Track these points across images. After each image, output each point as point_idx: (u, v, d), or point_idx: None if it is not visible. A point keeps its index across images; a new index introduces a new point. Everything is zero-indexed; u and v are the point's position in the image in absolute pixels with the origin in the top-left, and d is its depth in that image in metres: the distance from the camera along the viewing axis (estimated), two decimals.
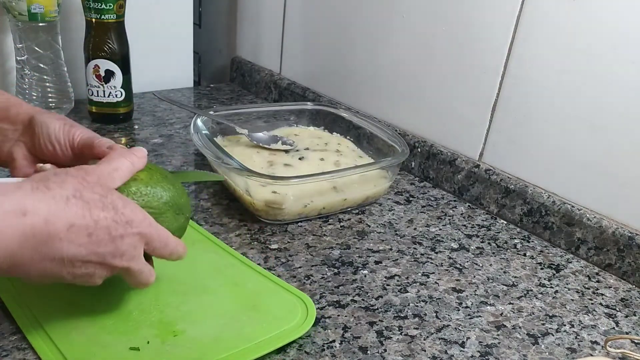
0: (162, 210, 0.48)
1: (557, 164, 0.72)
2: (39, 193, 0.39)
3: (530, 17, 0.71)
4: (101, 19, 0.87)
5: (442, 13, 0.81)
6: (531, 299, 0.61)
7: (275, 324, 0.51)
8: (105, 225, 0.41)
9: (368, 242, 0.69)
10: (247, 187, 0.69)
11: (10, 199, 0.37)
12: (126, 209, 0.43)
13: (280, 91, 1.13)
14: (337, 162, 0.81)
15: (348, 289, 0.60)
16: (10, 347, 0.47)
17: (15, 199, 0.37)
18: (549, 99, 0.71)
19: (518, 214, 0.76)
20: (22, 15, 0.85)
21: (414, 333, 0.54)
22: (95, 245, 0.41)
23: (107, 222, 0.41)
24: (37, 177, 0.41)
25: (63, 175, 0.41)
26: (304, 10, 1.06)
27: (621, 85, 0.64)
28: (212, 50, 1.38)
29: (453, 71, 0.82)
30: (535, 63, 0.72)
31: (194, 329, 0.50)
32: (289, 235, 0.69)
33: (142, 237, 0.45)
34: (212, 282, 0.57)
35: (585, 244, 0.70)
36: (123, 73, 0.92)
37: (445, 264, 0.66)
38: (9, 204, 0.37)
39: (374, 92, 0.96)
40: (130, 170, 0.47)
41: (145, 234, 0.45)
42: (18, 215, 0.36)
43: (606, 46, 0.65)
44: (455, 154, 0.83)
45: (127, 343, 0.47)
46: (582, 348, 0.55)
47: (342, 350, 0.51)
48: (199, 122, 0.79)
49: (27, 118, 0.54)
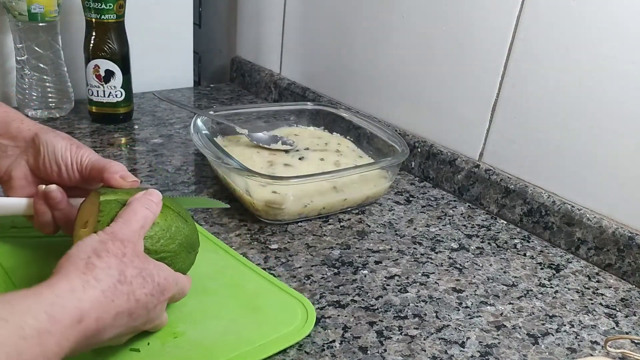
0: (177, 251, 0.48)
1: (557, 164, 0.72)
2: (90, 290, 0.38)
3: (530, 17, 0.71)
4: (101, 19, 0.87)
5: (442, 13, 0.81)
6: (531, 299, 0.61)
7: (276, 327, 0.51)
8: (144, 302, 0.42)
9: (368, 242, 0.69)
10: (247, 187, 0.69)
11: (68, 309, 0.36)
12: (160, 277, 0.44)
13: (280, 91, 1.13)
14: (337, 162, 0.81)
15: (348, 289, 0.60)
16: None
17: (71, 306, 0.36)
18: (549, 99, 0.71)
19: (518, 214, 0.76)
20: (22, 15, 0.85)
21: (414, 333, 0.54)
22: (133, 321, 0.42)
23: (146, 298, 0.42)
24: (82, 256, 0.40)
25: (106, 258, 0.40)
26: (304, 10, 1.06)
27: (621, 85, 0.64)
28: (212, 50, 1.38)
29: (453, 71, 0.82)
30: (535, 63, 0.72)
31: (194, 330, 0.50)
32: (289, 235, 0.69)
33: (169, 299, 0.46)
34: (212, 283, 0.57)
35: (585, 244, 0.70)
36: (123, 73, 0.92)
37: (445, 264, 0.66)
38: (67, 316, 0.36)
39: (374, 92, 0.96)
40: (152, 220, 0.47)
41: (172, 296, 0.46)
42: (74, 325, 0.36)
43: (606, 46, 0.65)
44: (455, 154, 0.83)
45: (127, 344, 0.47)
46: (582, 348, 0.55)
47: (342, 350, 0.51)
48: (199, 122, 0.79)
49: (30, 135, 0.53)
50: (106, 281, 0.39)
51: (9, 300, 0.34)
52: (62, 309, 0.36)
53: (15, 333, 0.33)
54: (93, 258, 0.40)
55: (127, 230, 0.44)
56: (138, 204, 0.46)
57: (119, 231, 0.43)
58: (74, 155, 0.52)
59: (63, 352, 0.36)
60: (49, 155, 0.52)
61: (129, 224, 0.44)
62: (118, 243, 0.42)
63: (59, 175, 0.52)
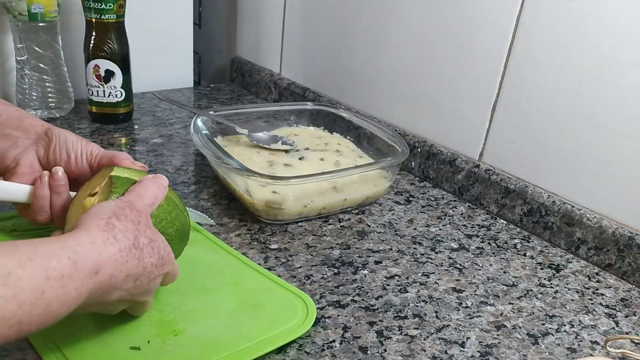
0: (173, 237, 0.50)
1: (557, 164, 0.72)
2: (110, 246, 0.40)
3: (530, 17, 0.71)
4: (101, 19, 0.87)
5: (442, 13, 0.81)
6: (531, 299, 0.61)
7: (276, 323, 0.51)
8: (149, 270, 0.44)
9: (368, 242, 0.69)
10: (247, 187, 0.69)
11: (88, 259, 0.38)
12: (164, 251, 0.46)
13: (280, 91, 1.14)
14: (337, 162, 0.81)
15: (348, 289, 0.60)
16: (10, 347, 0.47)
17: (91, 257, 0.38)
18: (549, 99, 0.71)
19: (518, 214, 0.76)
20: (22, 15, 0.85)
21: (414, 333, 0.54)
22: (135, 288, 0.43)
23: (151, 268, 0.44)
24: (102, 215, 0.42)
25: (124, 221, 0.43)
26: (304, 10, 1.06)
27: (621, 85, 0.64)
28: (212, 50, 1.38)
29: (453, 71, 0.82)
30: (535, 63, 0.72)
31: (194, 328, 0.50)
32: (289, 235, 0.69)
33: (165, 275, 0.47)
34: (213, 281, 0.57)
35: (585, 244, 0.70)
36: (123, 73, 0.92)
37: (445, 264, 0.66)
38: (87, 265, 0.38)
39: (374, 92, 0.96)
40: (160, 200, 0.49)
41: (167, 273, 0.47)
42: (92, 274, 0.38)
43: (606, 46, 0.65)
44: (455, 154, 0.83)
45: (128, 342, 0.47)
46: (582, 348, 0.55)
47: (342, 350, 0.51)
48: (199, 122, 0.79)
49: (42, 129, 0.56)
50: (123, 242, 0.41)
51: (33, 243, 0.36)
52: (83, 257, 0.38)
53: (39, 273, 0.35)
54: (113, 219, 0.42)
55: (140, 203, 0.46)
56: (150, 183, 0.49)
57: (135, 201, 0.46)
58: (85, 146, 0.55)
59: (79, 300, 0.37)
60: (60, 145, 0.54)
61: (142, 197, 0.47)
62: (135, 212, 0.45)
63: (67, 164, 0.55)
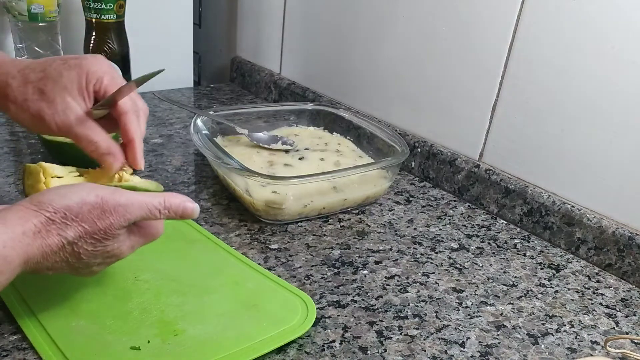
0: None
1: (557, 164, 0.72)
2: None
3: (530, 17, 0.71)
4: (101, 19, 0.87)
5: (442, 13, 0.81)
6: (531, 299, 0.61)
7: (276, 323, 0.51)
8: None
9: (368, 242, 0.69)
10: (247, 187, 0.69)
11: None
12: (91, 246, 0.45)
13: (280, 91, 1.14)
14: (337, 162, 0.81)
15: (348, 289, 0.60)
16: (10, 347, 0.47)
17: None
18: (549, 99, 0.71)
19: (518, 214, 0.76)
20: (22, 15, 0.85)
21: (414, 333, 0.54)
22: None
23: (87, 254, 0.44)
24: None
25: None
26: (304, 10, 1.06)
27: (621, 85, 0.64)
28: (212, 50, 1.38)
29: (453, 71, 0.82)
30: (535, 63, 0.72)
31: (194, 328, 0.50)
32: (289, 235, 0.69)
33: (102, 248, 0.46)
34: (213, 281, 0.57)
35: (585, 244, 0.70)
36: (123, 73, 0.92)
37: (445, 264, 0.66)
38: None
39: (374, 92, 0.96)
40: (139, 246, 0.50)
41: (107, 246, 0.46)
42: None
43: (606, 46, 0.65)
44: (455, 154, 0.83)
45: (128, 342, 0.47)
46: (582, 348, 0.55)
47: (342, 350, 0.51)
48: (199, 122, 0.79)
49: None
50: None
51: None
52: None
53: None
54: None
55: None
56: (157, 222, 0.49)
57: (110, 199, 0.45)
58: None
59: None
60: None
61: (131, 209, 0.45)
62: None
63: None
